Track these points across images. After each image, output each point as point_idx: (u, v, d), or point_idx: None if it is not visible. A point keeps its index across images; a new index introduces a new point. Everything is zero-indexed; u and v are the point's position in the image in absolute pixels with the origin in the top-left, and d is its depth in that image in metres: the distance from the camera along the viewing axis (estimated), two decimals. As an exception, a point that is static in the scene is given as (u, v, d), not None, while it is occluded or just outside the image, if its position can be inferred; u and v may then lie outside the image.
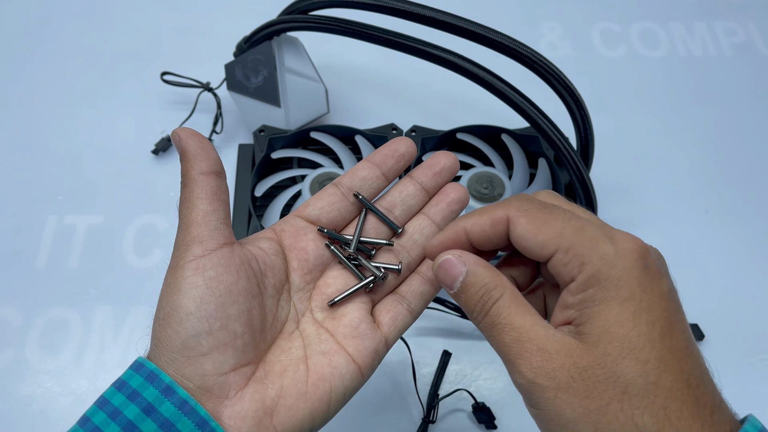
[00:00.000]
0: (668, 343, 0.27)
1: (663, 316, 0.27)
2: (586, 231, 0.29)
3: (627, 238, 0.29)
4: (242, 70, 0.60)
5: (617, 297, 0.27)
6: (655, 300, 0.28)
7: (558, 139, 0.50)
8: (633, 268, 0.28)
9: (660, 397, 0.26)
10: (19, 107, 0.69)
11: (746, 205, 0.63)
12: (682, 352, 0.27)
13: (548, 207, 0.30)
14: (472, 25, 0.49)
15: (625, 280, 0.28)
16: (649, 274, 0.28)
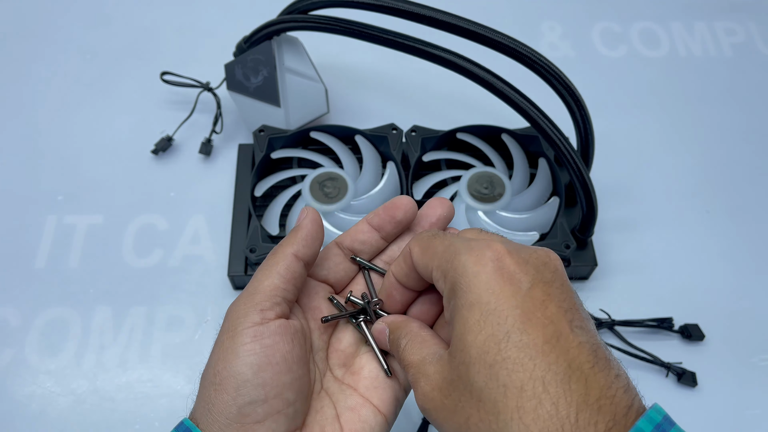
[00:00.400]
0: (520, 341, 0.27)
1: (513, 315, 0.27)
2: (454, 246, 0.30)
3: (491, 246, 0.30)
4: (242, 69, 0.60)
5: (467, 304, 0.28)
6: (505, 299, 0.28)
7: (558, 139, 0.50)
8: (482, 272, 0.29)
9: (511, 400, 0.26)
10: (19, 107, 0.69)
11: (747, 205, 0.63)
12: (541, 347, 0.26)
13: (437, 234, 0.33)
14: (472, 25, 0.49)
15: (474, 285, 0.28)
16: (501, 276, 0.28)
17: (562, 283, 0.30)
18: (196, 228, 0.60)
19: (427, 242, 0.32)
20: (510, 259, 0.29)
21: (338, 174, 0.57)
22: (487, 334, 0.27)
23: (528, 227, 0.55)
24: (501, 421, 0.26)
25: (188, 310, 0.56)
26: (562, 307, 0.28)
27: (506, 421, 0.26)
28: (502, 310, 0.28)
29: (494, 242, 0.30)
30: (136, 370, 0.53)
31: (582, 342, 0.27)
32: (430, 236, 0.33)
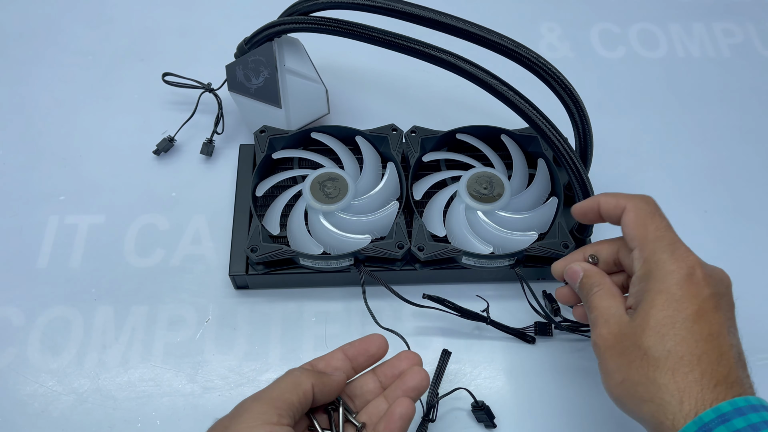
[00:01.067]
0: (691, 327, 0.36)
1: (691, 309, 0.37)
2: (663, 241, 0.39)
3: (689, 255, 0.39)
4: (243, 71, 0.60)
5: (657, 289, 0.38)
6: (688, 297, 0.37)
7: (557, 140, 0.50)
8: (676, 272, 0.38)
9: (671, 361, 0.36)
10: (22, 108, 0.69)
11: (744, 205, 0.63)
12: (705, 337, 0.36)
13: (655, 214, 0.41)
14: (471, 27, 0.50)
15: (667, 279, 0.38)
16: (690, 281, 0.38)
17: (729, 296, 0.40)
18: (197, 228, 0.61)
19: (643, 217, 0.41)
20: (700, 270, 0.38)
21: (339, 174, 0.58)
22: (667, 314, 0.37)
23: (527, 227, 0.56)
24: (659, 371, 0.36)
25: (189, 310, 0.56)
26: (726, 316, 0.38)
27: (662, 373, 0.36)
28: (685, 302, 0.37)
29: (692, 254, 0.39)
30: (137, 369, 0.53)
31: (733, 344, 0.37)
32: (648, 212, 0.41)
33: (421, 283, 0.57)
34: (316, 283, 0.57)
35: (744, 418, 0.34)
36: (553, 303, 0.55)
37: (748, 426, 0.33)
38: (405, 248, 0.53)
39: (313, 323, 0.56)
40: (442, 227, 0.56)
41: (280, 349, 0.54)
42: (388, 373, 0.44)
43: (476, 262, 0.54)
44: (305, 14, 0.56)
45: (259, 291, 0.57)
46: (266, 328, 0.55)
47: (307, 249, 0.54)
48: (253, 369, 0.53)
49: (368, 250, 0.53)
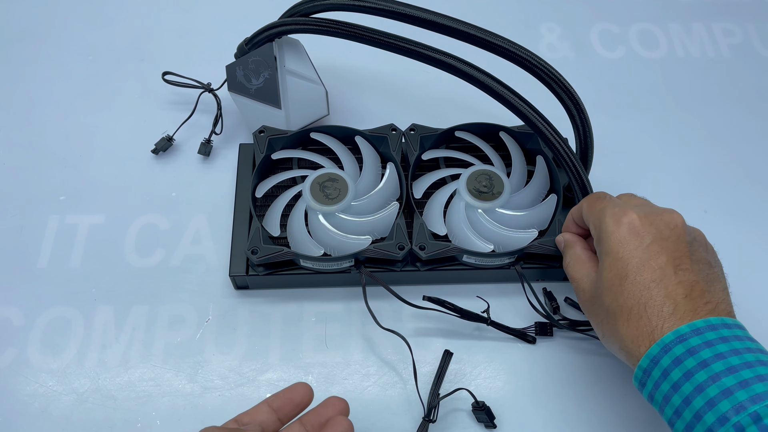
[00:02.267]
0: (634, 279, 0.41)
1: (633, 263, 0.42)
2: (605, 210, 0.45)
3: (627, 212, 0.43)
4: (243, 71, 0.60)
5: (605, 251, 0.44)
6: (629, 252, 0.42)
7: (556, 141, 0.50)
8: (615, 231, 0.43)
9: (624, 314, 0.41)
10: (21, 107, 0.69)
11: (744, 205, 0.63)
12: (648, 285, 0.41)
13: (601, 196, 0.47)
14: (471, 29, 0.50)
15: (610, 240, 0.43)
16: (631, 234, 0.42)
17: (677, 237, 0.42)
18: (197, 228, 0.61)
19: (592, 202, 0.47)
20: (639, 222, 0.43)
21: (338, 175, 0.58)
22: (615, 273, 0.42)
23: (527, 225, 0.56)
24: (618, 324, 0.41)
25: (190, 310, 0.56)
26: (672, 256, 0.41)
27: (621, 325, 0.41)
28: (627, 258, 0.42)
29: (631, 209, 0.44)
30: (137, 369, 0.53)
31: (682, 281, 0.40)
32: (596, 198, 0.47)
33: (421, 284, 0.57)
34: (317, 283, 0.57)
35: (699, 337, 0.38)
36: (552, 301, 0.55)
37: (703, 343, 0.38)
38: (406, 249, 0.53)
39: (314, 323, 0.56)
40: (442, 226, 0.56)
41: (280, 349, 0.54)
42: (314, 422, 0.43)
43: (477, 261, 0.54)
44: (306, 15, 0.56)
45: (259, 291, 0.57)
46: (266, 328, 0.55)
47: (307, 250, 0.54)
48: (253, 369, 0.53)
49: (369, 252, 0.53)
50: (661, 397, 0.39)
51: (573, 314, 0.56)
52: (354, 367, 0.53)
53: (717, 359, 0.37)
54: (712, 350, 0.37)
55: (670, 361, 0.38)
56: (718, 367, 0.37)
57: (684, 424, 0.37)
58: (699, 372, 0.37)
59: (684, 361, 0.38)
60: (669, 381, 0.38)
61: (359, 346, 0.55)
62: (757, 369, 0.36)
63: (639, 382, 0.41)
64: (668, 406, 0.39)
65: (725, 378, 0.36)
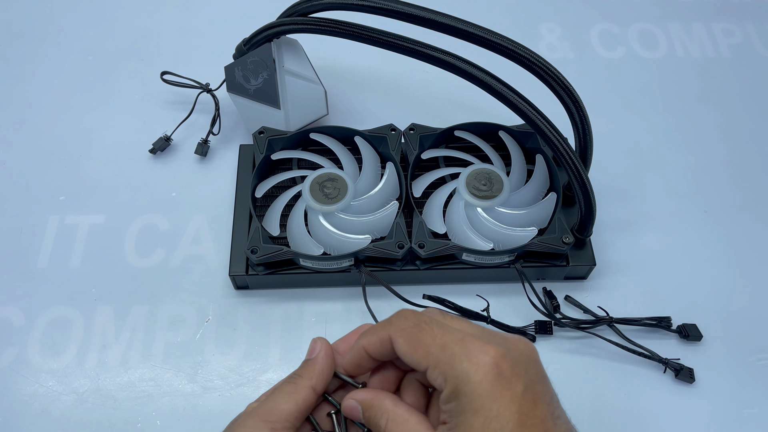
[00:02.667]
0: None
1: (513, 419, 0.32)
2: (449, 348, 0.33)
3: (484, 350, 0.33)
4: (242, 72, 0.60)
5: (471, 410, 0.32)
6: (505, 406, 0.32)
7: (556, 140, 0.50)
8: (483, 381, 0.32)
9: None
10: (21, 108, 0.69)
11: (744, 205, 0.63)
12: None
13: (422, 325, 0.35)
14: (470, 27, 0.50)
15: (477, 394, 0.32)
16: (500, 382, 0.32)
17: (541, 376, 0.34)
18: (197, 228, 0.61)
19: (413, 336, 0.35)
20: (505, 363, 0.33)
21: (338, 175, 0.58)
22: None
23: (526, 223, 0.56)
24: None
25: (190, 310, 0.56)
26: (546, 402, 0.33)
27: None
28: (504, 416, 0.32)
29: (486, 344, 0.33)
30: (137, 369, 0.53)
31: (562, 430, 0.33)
32: (414, 328, 0.35)
33: (421, 283, 0.57)
34: (317, 283, 0.57)
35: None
36: (552, 300, 0.55)
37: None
38: (405, 248, 0.53)
39: (313, 323, 0.56)
40: (442, 224, 0.56)
41: (280, 349, 0.54)
42: None
43: (477, 259, 0.54)
44: (304, 15, 0.56)
45: (259, 291, 0.57)
46: (266, 328, 0.55)
47: (307, 250, 0.54)
48: (253, 369, 0.53)
49: (368, 251, 0.53)
50: None
51: (574, 313, 0.56)
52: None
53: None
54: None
55: None
56: None
57: None
58: None
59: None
60: None
61: (359, 346, 0.54)
62: None
63: None
64: None
65: None
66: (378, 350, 0.36)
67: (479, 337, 0.34)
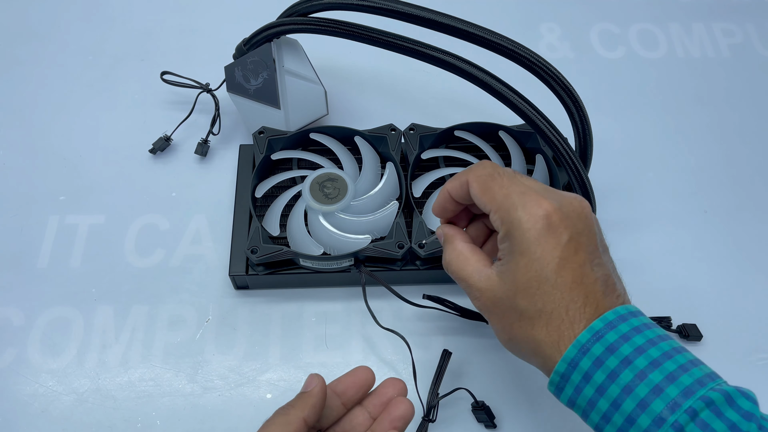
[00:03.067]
0: (554, 281, 0.37)
1: (552, 264, 0.37)
2: (511, 198, 0.39)
3: (541, 204, 0.38)
4: (242, 72, 0.60)
5: (518, 251, 0.38)
6: (548, 250, 0.37)
7: (556, 140, 0.50)
8: (532, 228, 0.38)
9: (544, 318, 0.37)
10: (21, 108, 0.69)
11: (744, 205, 0.63)
12: (569, 285, 0.37)
13: (494, 175, 0.41)
14: (470, 27, 0.50)
15: (525, 239, 0.38)
16: (548, 231, 0.38)
17: (589, 229, 0.39)
18: (197, 228, 0.61)
19: (485, 183, 0.40)
20: (555, 216, 0.38)
21: (338, 175, 0.58)
22: (532, 275, 0.38)
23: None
24: (535, 329, 0.38)
25: (190, 310, 0.56)
26: (588, 251, 0.38)
27: (539, 330, 0.38)
28: (546, 259, 0.37)
29: (543, 198, 0.38)
30: (137, 369, 0.53)
31: (598, 277, 0.38)
32: (488, 176, 0.41)
33: (421, 283, 0.57)
34: (317, 283, 0.57)
35: (615, 331, 0.36)
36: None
37: (620, 337, 0.36)
38: (405, 248, 0.53)
39: (313, 323, 0.56)
40: (442, 226, 0.56)
41: (280, 349, 0.54)
42: (376, 403, 0.43)
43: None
44: (304, 15, 0.56)
45: (259, 291, 0.57)
46: (266, 328, 0.55)
47: (307, 250, 0.54)
48: (253, 369, 0.53)
49: (368, 251, 0.53)
50: (585, 402, 0.37)
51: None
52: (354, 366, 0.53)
53: (638, 354, 0.35)
54: (630, 344, 0.35)
55: (591, 363, 0.36)
56: (642, 363, 0.35)
57: (615, 428, 0.35)
58: (624, 371, 0.35)
59: (606, 362, 0.35)
60: (593, 385, 0.36)
61: (359, 346, 0.55)
62: (677, 358, 0.35)
63: (556, 387, 0.38)
64: (594, 412, 0.36)
65: (651, 374, 0.34)
66: (458, 192, 0.43)
67: (539, 192, 0.39)
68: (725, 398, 0.34)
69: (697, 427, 0.33)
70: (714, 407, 0.33)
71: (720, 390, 0.34)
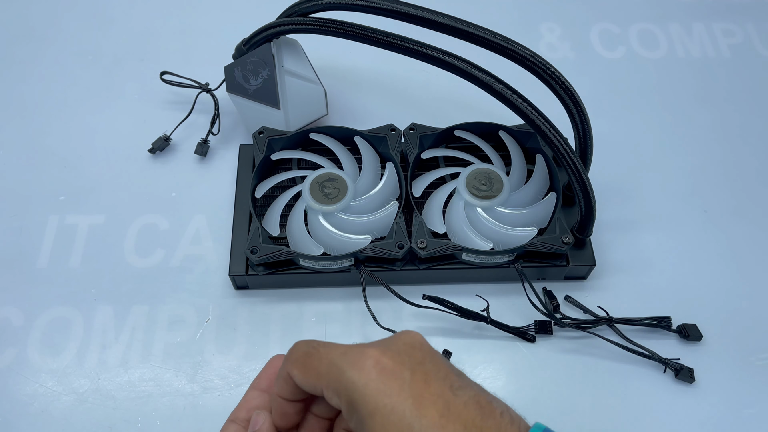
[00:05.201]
0: (421, 425, 0.31)
1: (408, 405, 0.32)
2: (335, 363, 0.33)
3: (364, 354, 0.33)
4: (242, 72, 0.60)
5: (368, 414, 0.32)
6: (395, 396, 0.32)
7: (556, 140, 0.50)
8: (369, 382, 0.32)
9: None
10: (21, 108, 0.69)
11: (744, 205, 0.63)
12: (437, 421, 0.31)
13: (310, 351, 0.35)
14: (470, 27, 0.50)
15: (367, 397, 0.32)
16: (385, 377, 0.32)
17: (432, 357, 0.34)
18: (197, 228, 0.61)
19: (304, 363, 0.35)
20: (385, 358, 0.33)
21: (338, 175, 0.58)
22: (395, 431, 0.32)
23: (526, 223, 0.56)
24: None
25: (189, 310, 0.56)
26: (440, 378, 0.33)
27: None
28: (398, 406, 0.32)
29: (366, 349, 0.33)
30: (137, 369, 0.53)
31: (466, 401, 0.32)
32: (305, 355, 0.35)
33: (421, 284, 0.57)
34: (317, 283, 0.57)
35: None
36: (552, 300, 0.55)
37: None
38: (405, 248, 0.53)
39: (313, 323, 0.56)
40: (442, 224, 0.56)
41: (280, 349, 0.54)
42: None
43: (476, 259, 0.54)
44: (304, 15, 0.56)
45: (259, 291, 0.57)
46: (266, 328, 0.55)
47: (307, 250, 0.54)
48: (253, 369, 0.53)
49: (368, 251, 0.53)
50: None
51: (574, 313, 0.56)
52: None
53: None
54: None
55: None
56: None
57: None
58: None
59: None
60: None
61: (359, 346, 0.54)
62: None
63: None
64: None
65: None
66: (289, 390, 0.36)
67: (361, 346, 0.34)
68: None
69: None
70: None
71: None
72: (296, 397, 0.36)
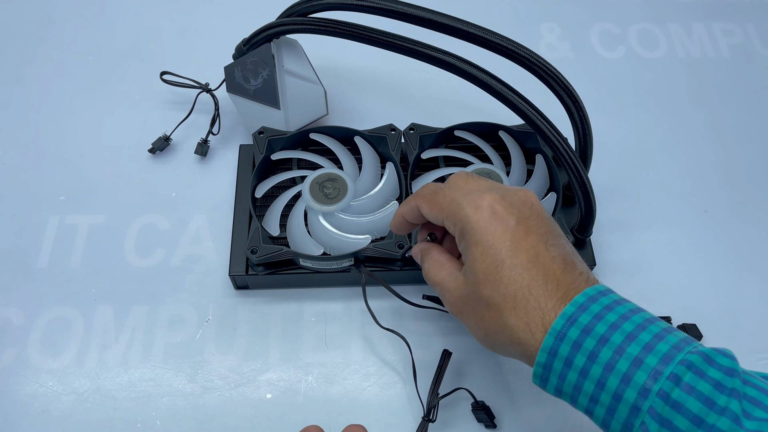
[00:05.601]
0: (511, 264, 0.39)
1: (505, 248, 0.39)
2: (456, 200, 0.42)
3: (484, 197, 0.41)
4: (241, 72, 0.60)
5: (472, 243, 0.40)
6: (498, 236, 0.39)
7: (556, 140, 0.50)
8: (480, 219, 0.40)
9: (509, 303, 0.38)
10: (21, 107, 0.69)
11: (744, 205, 0.63)
12: (526, 266, 0.38)
13: (437, 190, 0.44)
14: (470, 27, 0.50)
15: (475, 230, 0.40)
16: (495, 219, 0.40)
17: (538, 215, 0.41)
18: (197, 228, 0.61)
19: (431, 199, 0.44)
20: (499, 205, 0.40)
21: (338, 175, 0.58)
22: (489, 262, 0.39)
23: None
24: (504, 315, 0.38)
25: (190, 310, 0.56)
26: (539, 233, 0.40)
27: (508, 315, 0.38)
28: (498, 244, 0.39)
29: (485, 192, 0.41)
30: (137, 370, 0.53)
31: (555, 256, 0.39)
32: (432, 193, 0.44)
33: (421, 283, 0.57)
34: (317, 283, 0.57)
35: (587, 313, 0.36)
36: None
37: (593, 318, 0.36)
38: (405, 248, 0.53)
39: (313, 323, 0.56)
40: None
41: (280, 349, 0.54)
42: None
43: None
44: (304, 15, 0.56)
45: (259, 291, 0.57)
46: (266, 328, 0.55)
47: (307, 250, 0.54)
48: (253, 369, 0.53)
49: (368, 251, 0.53)
50: (571, 388, 0.37)
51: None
52: (354, 367, 0.53)
53: (613, 330, 0.35)
54: (604, 323, 0.35)
55: (570, 348, 0.36)
56: (618, 339, 0.35)
57: (604, 408, 0.35)
58: (602, 350, 0.35)
59: (584, 344, 0.35)
60: (575, 369, 0.36)
61: (359, 346, 0.55)
62: (650, 329, 0.35)
63: (540, 378, 0.38)
64: (581, 395, 0.36)
65: (629, 348, 0.34)
66: (411, 215, 0.46)
67: (482, 189, 0.42)
68: (704, 359, 0.34)
69: (683, 391, 0.33)
70: (695, 369, 0.33)
71: (697, 352, 0.34)
72: (415, 221, 0.47)
